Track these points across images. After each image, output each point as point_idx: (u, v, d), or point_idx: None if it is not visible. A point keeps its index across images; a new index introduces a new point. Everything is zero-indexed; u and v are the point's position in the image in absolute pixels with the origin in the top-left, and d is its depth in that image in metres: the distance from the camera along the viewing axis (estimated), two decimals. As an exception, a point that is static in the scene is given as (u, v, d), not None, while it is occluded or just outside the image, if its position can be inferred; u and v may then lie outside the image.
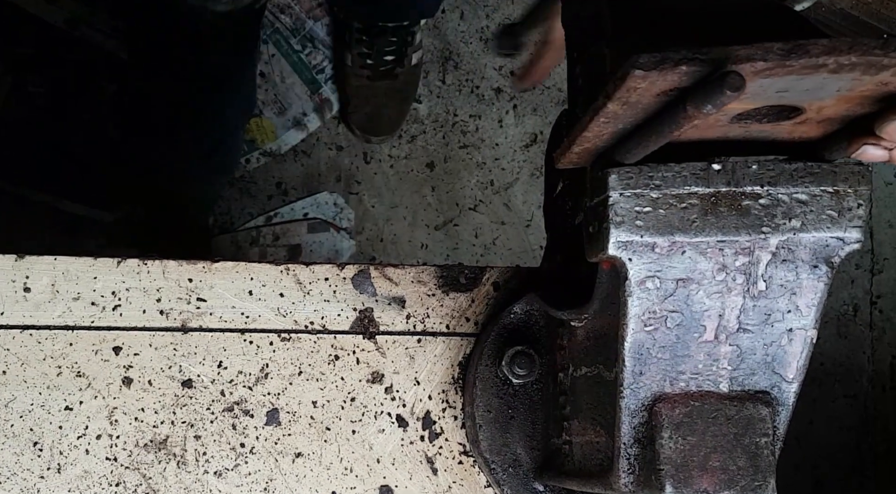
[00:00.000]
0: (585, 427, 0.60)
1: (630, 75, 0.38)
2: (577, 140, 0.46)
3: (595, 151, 0.49)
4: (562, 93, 1.72)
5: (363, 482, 0.70)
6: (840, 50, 0.36)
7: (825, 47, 0.36)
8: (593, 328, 0.58)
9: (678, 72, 0.38)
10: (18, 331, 0.69)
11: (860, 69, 0.37)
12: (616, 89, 0.40)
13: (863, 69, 0.37)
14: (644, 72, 0.38)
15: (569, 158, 0.50)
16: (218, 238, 1.63)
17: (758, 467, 0.50)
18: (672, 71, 0.38)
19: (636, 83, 0.39)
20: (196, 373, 0.70)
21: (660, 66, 0.37)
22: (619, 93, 0.40)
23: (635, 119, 0.43)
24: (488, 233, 1.70)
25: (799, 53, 0.36)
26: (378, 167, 1.68)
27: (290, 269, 0.71)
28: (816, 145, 0.47)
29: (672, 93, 0.40)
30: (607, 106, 0.41)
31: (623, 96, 0.40)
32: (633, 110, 0.42)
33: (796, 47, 0.36)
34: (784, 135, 0.46)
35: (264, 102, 1.65)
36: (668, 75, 0.38)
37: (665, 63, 0.37)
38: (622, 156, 0.47)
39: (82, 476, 0.68)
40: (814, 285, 0.49)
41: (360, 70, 1.59)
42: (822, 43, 0.36)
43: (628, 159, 0.47)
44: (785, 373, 0.51)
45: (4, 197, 1.56)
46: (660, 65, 0.37)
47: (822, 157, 0.48)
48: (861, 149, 0.44)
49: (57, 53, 1.60)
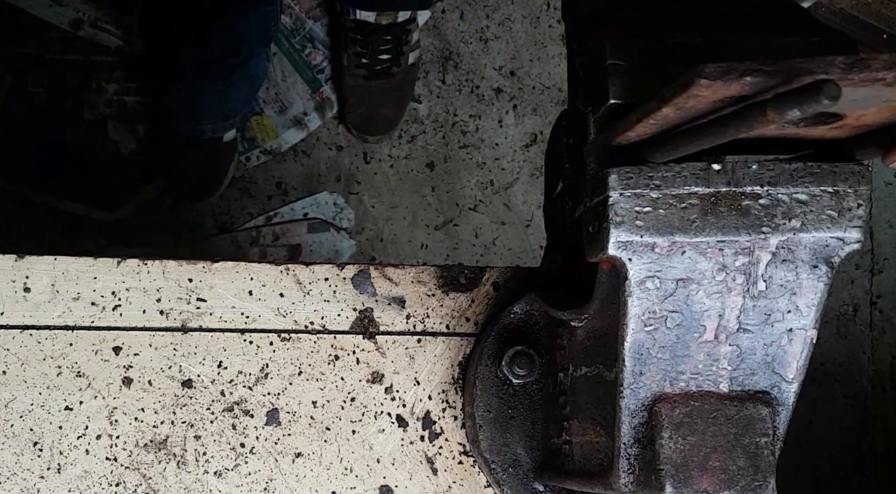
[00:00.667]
0: (585, 427, 0.60)
1: (695, 84, 0.39)
2: (619, 138, 0.47)
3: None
4: (562, 94, 1.72)
5: (363, 482, 0.70)
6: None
7: (886, 62, 0.37)
8: (593, 328, 0.58)
9: (742, 82, 0.38)
10: (18, 331, 0.69)
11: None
12: (676, 95, 0.40)
13: None
14: (710, 81, 0.38)
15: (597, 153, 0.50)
16: (218, 238, 1.63)
17: (758, 467, 0.50)
18: (737, 81, 0.38)
19: (700, 91, 0.39)
20: (196, 373, 0.70)
21: (725, 77, 0.38)
22: (678, 99, 0.40)
23: (680, 122, 0.44)
24: (488, 233, 1.70)
25: (860, 67, 0.37)
26: (378, 167, 1.68)
27: (290, 269, 0.71)
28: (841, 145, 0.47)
29: (727, 100, 0.40)
30: (661, 109, 0.42)
31: (681, 102, 0.41)
32: (684, 114, 0.43)
33: (858, 61, 0.37)
34: (816, 136, 0.46)
35: (265, 101, 1.65)
36: (731, 85, 0.38)
37: (730, 73, 0.38)
38: (660, 156, 0.46)
39: (82, 476, 0.68)
40: (814, 285, 0.49)
41: (355, 69, 1.59)
42: (884, 58, 0.37)
43: (666, 158, 0.46)
44: (785, 373, 0.51)
45: (4, 197, 1.56)
46: (725, 75, 0.38)
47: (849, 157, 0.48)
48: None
49: (57, 53, 1.60)
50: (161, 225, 1.62)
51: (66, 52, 1.60)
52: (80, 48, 1.60)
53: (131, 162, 1.61)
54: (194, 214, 1.64)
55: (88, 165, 1.59)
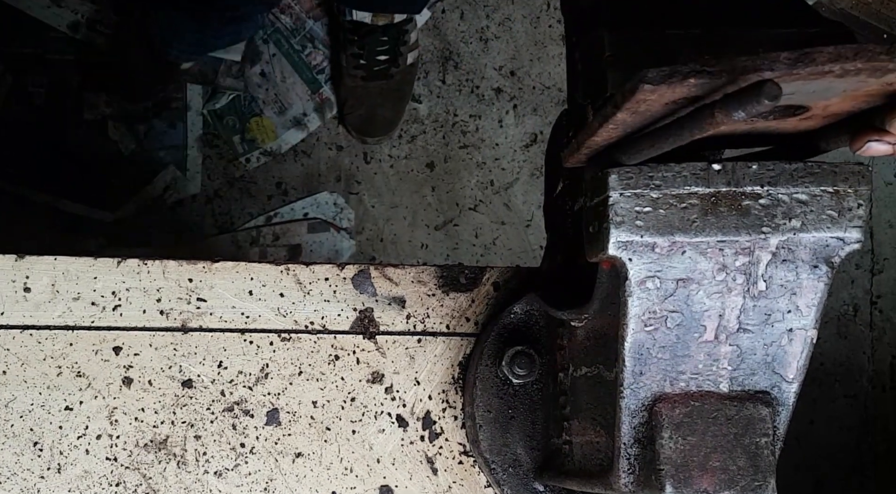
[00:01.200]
0: (585, 427, 0.60)
1: (640, 89, 0.39)
2: (586, 143, 0.47)
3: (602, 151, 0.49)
4: (562, 94, 1.72)
5: (363, 482, 0.70)
6: (846, 57, 0.37)
7: (831, 55, 0.37)
8: (593, 328, 0.58)
9: (687, 85, 0.38)
10: (18, 331, 0.69)
11: (866, 73, 0.38)
12: (625, 100, 0.40)
13: (868, 73, 0.38)
14: (653, 86, 0.39)
15: (577, 158, 0.50)
16: (218, 238, 1.63)
17: (758, 467, 0.50)
18: (681, 84, 0.38)
19: (645, 96, 0.40)
20: (196, 373, 0.70)
21: (668, 80, 0.38)
22: (628, 104, 0.41)
23: (644, 124, 0.44)
24: (488, 233, 1.70)
25: (805, 62, 0.37)
26: (378, 167, 1.68)
27: (290, 269, 0.71)
28: (814, 136, 0.47)
29: (680, 101, 0.41)
30: (616, 115, 0.42)
31: (632, 107, 0.41)
32: (641, 118, 0.43)
33: (802, 56, 0.37)
34: (789, 128, 0.46)
35: (265, 102, 1.65)
36: (676, 88, 0.39)
37: (674, 77, 0.38)
38: (630, 158, 0.47)
39: (82, 476, 0.68)
40: (814, 285, 0.49)
41: (353, 70, 1.59)
42: (828, 51, 0.37)
43: (635, 160, 0.47)
44: (785, 373, 0.51)
45: (4, 197, 1.56)
46: (668, 79, 0.38)
47: (819, 147, 0.48)
48: (866, 146, 0.44)
49: (57, 53, 1.60)
50: (161, 225, 1.62)
51: (66, 53, 1.60)
52: (80, 49, 1.60)
53: (131, 162, 1.61)
54: (194, 214, 1.64)
55: (88, 165, 1.59)
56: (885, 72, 0.38)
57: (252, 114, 1.65)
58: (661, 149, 0.44)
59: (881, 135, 0.43)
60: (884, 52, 0.37)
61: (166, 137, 1.63)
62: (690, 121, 0.40)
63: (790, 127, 0.46)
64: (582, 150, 0.48)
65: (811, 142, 0.48)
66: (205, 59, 1.61)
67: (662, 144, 0.43)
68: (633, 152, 0.46)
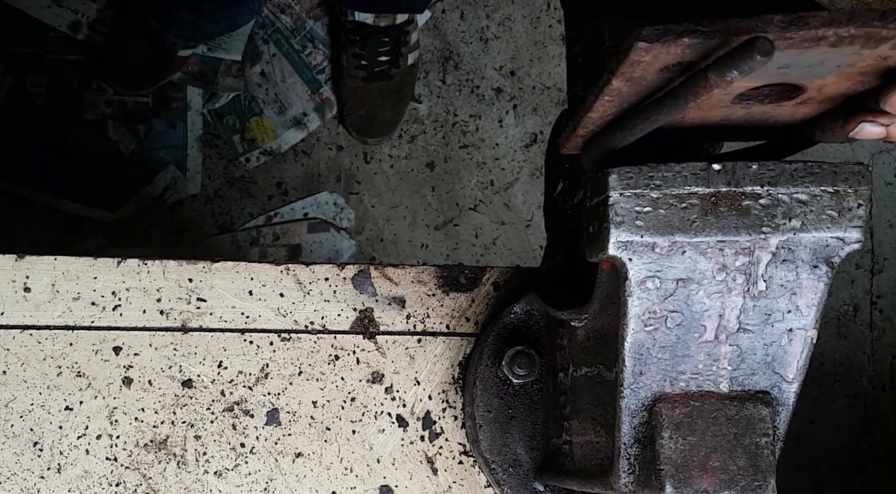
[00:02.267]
0: (585, 427, 0.60)
1: (634, 48, 0.39)
2: (583, 121, 0.47)
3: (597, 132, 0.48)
4: (562, 94, 1.72)
5: (363, 482, 0.70)
6: (839, 21, 0.37)
7: (824, 19, 0.37)
8: (593, 328, 0.58)
9: (681, 44, 0.38)
10: (18, 331, 0.69)
11: (860, 42, 0.38)
12: (620, 64, 0.40)
13: (862, 42, 0.38)
14: (648, 44, 0.38)
15: (574, 143, 0.50)
16: (218, 238, 1.63)
17: (758, 467, 0.50)
18: (675, 43, 0.38)
19: (640, 56, 0.39)
20: (196, 373, 0.70)
21: (662, 38, 0.38)
22: (623, 67, 0.40)
23: (639, 97, 0.44)
24: (488, 233, 1.70)
25: (799, 25, 0.37)
26: (378, 167, 1.68)
27: (290, 269, 0.71)
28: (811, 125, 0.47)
29: (675, 68, 0.40)
30: (611, 82, 0.42)
31: (627, 71, 0.40)
32: (637, 87, 0.42)
33: (796, 19, 0.37)
34: (786, 116, 0.46)
35: (264, 102, 1.65)
36: (671, 47, 0.38)
37: (668, 35, 0.38)
38: (625, 137, 0.46)
39: (82, 476, 0.68)
40: (814, 285, 0.49)
41: (354, 71, 1.59)
42: (822, 14, 0.37)
43: (630, 138, 0.46)
44: (785, 373, 0.51)
45: (4, 197, 1.56)
46: (662, 37, 0.38)
47: (815, 137, 0.48)
48: (858, 127, 0.44)
49: (57, 53, 1.60)
50: (161, 225, 1.62)
51: (66, 52, 1.60)
52: (80, 49, 1.60)
53: (131, 162, 1.61)
54: (194, 214, 1.64)
55: (88, 165, 1.59)
56: (879, 40, 0.38)
57: (252, 114, 1.65)
58: (657, 121, 0.43)
59: (875, 116, 0.43)
60: (877, 19, 0.37)
61: (166, 137, 1.63)
62: (684, 87, 0.40)
63: (787, 114, 0.46)
64: (578, 131, 0.48)
65: (806, 131, 0.48)
66: (205, 57, 1.61)
67: (657, 116, 0.43)
68: (627, 129, 0.45)
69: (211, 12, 1.44)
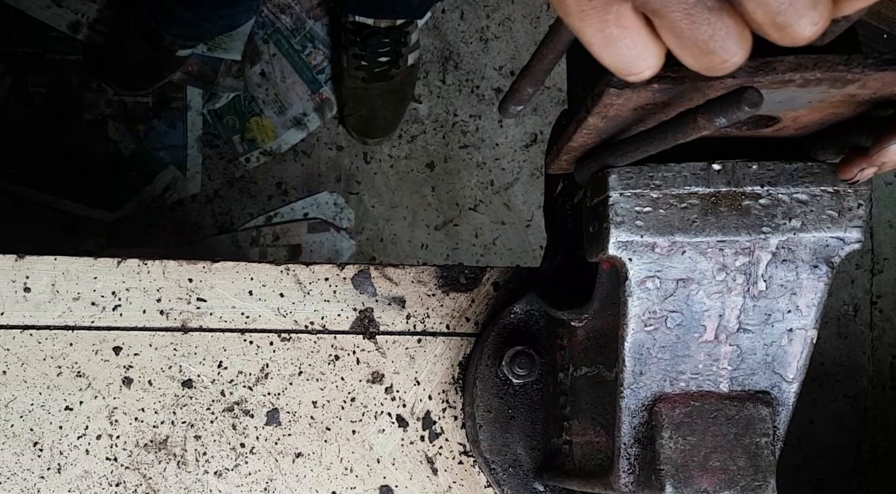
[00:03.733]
0: (585, 427, 0.60)
1: (606, 93, 0.40)
2: (564, 149, 0.48)
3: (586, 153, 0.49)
4: (562, 94, 1.72)
5: (363, 482, 0.70)
6: (805, 66, 0.38)
7: (790, 64, 0.38)
8: (593, 328, 0.58)
9: (651, 90, 0.40)
10: (18, 331, 0.69)
11: (827, 83, 0.39)
12: (594, 105, 0.42)
13: (829, 83, 0.39)
14: (618, 90, 0.40)
15: (559, 165, 0.51)
16: (218, 238, 1.63)
17: (758, 467, 0.50)
18: (645, 89, 0.39)
19: (612, 100, 0.40)
20: (196, 373, 0.70)
21: (632, 85, 0.39)
22: (596, 109, 0.42)
23: (619, 129, 0.45)
24: (488, 233, 1.70)
25: (766, 70, 0.38)
26: (378, 167, 1.68)
27: (290, 269, 0.71)
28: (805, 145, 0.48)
29: (650, 107, 0.42)
30: (588, 119, 0.43)
31: (602, 111, 0.42)
32: (613, 123, 0.44)
33: (763, 65, 0.38)
34: (769, 135, 0.47)
35: (264, 102, 1.65)
36: (641, 92, 0.40)
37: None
38: (617, 160, 0.47)
39: (82, 476, 0.68)
40: (814, 285, 0.49)
41: (355, 72, 1.59)
42: (788, 60, 0.38)
43: (622, 163, 0.47)
44: (785, 373, 0.51)
45: (4, 197, 1.56)
46: (631, 84, 0.39)
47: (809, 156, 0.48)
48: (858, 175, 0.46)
49: (57, 53, 1.60)
50: (161, 225, 1.62)
51: (66, 53, 1.60)
52: (80, 49, 1.60)
53: (131, 162, 1.61)
54: (194, 214, 1.64)
55: (88, 165, 1.59)
56: (845, 82, 0.39)
57: (252, 114, 1.65)
58: (647, 151, 0.44)
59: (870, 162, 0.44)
60: (842, 63, 0.38)
61: (166, 137, 1.63)
62: (674, 125, 0.41)
63: (768, 135, 0.47)
64: (562, 157, 0.49)
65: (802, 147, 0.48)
66: (205, 57, 1.61)
67: (648, 147, 0.44)
68: (619, 155, 0.46)
69: (209, 11, 1.44)
